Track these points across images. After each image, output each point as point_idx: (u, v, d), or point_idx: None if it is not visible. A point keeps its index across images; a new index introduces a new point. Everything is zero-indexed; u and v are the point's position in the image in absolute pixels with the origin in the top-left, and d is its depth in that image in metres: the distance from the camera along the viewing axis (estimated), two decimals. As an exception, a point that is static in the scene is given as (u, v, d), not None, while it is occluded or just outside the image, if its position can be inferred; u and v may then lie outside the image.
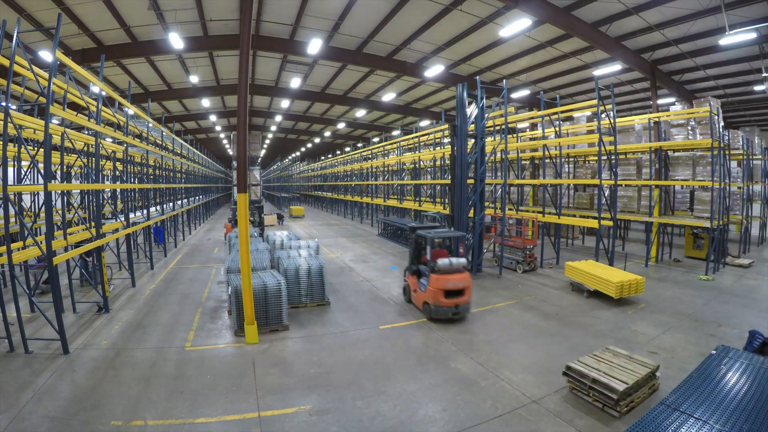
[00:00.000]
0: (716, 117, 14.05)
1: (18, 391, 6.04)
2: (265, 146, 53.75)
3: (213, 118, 34.63)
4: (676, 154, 15.96)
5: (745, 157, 16.47)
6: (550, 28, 15.53)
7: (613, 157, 13.78)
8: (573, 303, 10.51)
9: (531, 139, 19.41)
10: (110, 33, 15.56)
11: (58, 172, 11.90)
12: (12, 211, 10.36)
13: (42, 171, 7.75)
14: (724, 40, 13.58)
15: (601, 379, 5.59)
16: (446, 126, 20.34)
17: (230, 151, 51.96)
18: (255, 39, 16.95)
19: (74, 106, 15.34)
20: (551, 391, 6.13)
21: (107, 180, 15.49)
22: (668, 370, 6.43)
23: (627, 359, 6.16)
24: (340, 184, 40.20)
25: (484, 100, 13.58)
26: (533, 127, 23.94)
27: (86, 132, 13.11)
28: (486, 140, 14.55)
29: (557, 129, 16.23)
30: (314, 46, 16.12)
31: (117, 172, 13.43)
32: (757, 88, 20.54)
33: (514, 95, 22.55)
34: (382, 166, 29.86)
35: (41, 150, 9.84)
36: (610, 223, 13.03)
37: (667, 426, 3.95)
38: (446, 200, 20.81)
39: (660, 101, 20.53)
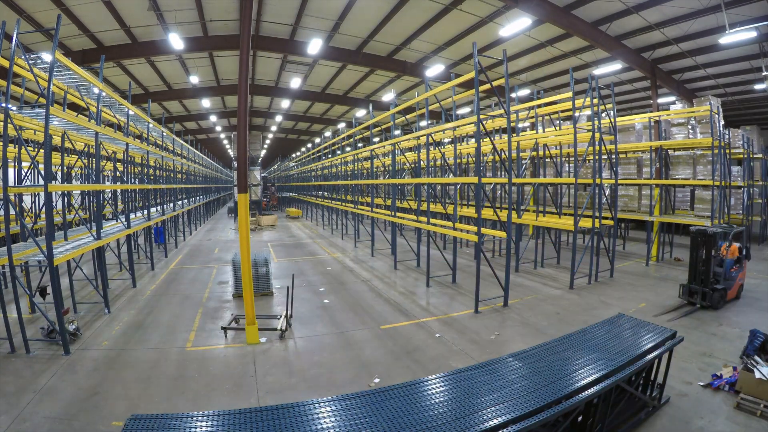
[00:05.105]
0: (716, 116, 14.04)
1: (19, 391, 6.05)
2: (265, 146, 53.76)
3: (213, 118, 34.64)
4: (677, 153, 15.94)
5: (745, 155, 16.45)
6: (550, 28, 15.52)
7: (613, 156, 13.77)
8: (573, 302, 10.51)
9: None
10: (110, 34, 15.57)
11: (59, 173, 11.92)
12: (12, 212, 10.38)
13: (42, 172, 7.77)
14: (724, 39, 13.55)
15: None
16: (446, 125, 20.27)
17: (231, 152, 52.06)
18: (255, 39, 16.96)
19: (74, 107, 15.35)
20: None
21: (108, 181, 15.52)
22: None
23: None
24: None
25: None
26: (533, 126, 23.88)
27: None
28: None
29: (557, 127, 16.22)
30: (314, 46, 16.13)
31: (117, 173, 13.44)
32: (758, 86, 20.50)
33: (513, 95, 22.47)
34: (381, 165, 29.74)
35: (41, 151, 9.85)
36: (611, 222, 13.02)
37: None
38: (445, 200, 20.75)
39: (660, 100, 20.50)
